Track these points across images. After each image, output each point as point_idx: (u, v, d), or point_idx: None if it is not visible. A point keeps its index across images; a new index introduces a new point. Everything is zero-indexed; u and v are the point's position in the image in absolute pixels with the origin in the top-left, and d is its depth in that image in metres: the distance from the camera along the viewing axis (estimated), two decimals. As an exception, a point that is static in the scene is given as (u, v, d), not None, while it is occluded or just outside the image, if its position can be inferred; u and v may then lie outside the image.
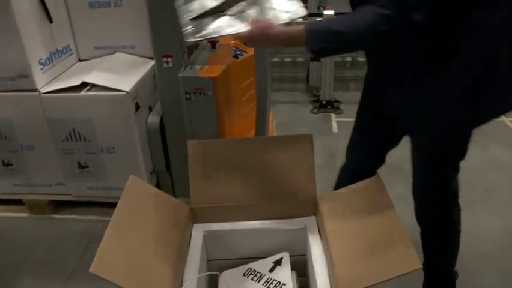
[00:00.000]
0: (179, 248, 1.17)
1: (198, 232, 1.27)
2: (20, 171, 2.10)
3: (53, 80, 1.98)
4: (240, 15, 1.22)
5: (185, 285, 1.10)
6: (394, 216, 1.13)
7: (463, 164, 1.24)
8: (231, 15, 1.23)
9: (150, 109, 2.03)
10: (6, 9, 1.74)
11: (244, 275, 1.29)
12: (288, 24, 1.18)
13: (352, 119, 1.51)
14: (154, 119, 1.97)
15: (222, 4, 1.24)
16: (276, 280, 1.24)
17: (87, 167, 2.01)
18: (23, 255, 1.96)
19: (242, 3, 1.24)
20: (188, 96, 1.74)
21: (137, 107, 1.90)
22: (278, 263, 1.29)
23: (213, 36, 1.22)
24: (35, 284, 1.82)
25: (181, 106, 1.81)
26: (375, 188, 1.23)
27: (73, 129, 1.92)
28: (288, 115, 3.16)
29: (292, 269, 1.26)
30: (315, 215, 1.31)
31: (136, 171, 1.98)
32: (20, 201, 2.20)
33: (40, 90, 1.89)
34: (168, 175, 2.06)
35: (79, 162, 2.01)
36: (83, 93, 1.84)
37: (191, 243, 1.24)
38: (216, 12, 1.24)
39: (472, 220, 2.06)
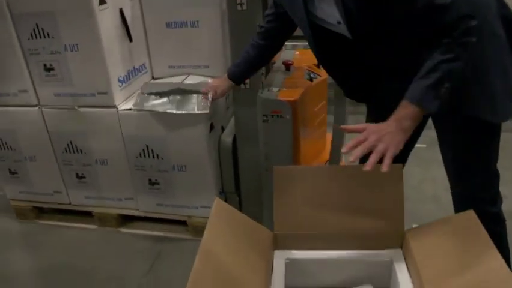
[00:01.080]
0: (265, 275, 1.14)
1: (279, 259, 1.24)
2: (92, 184, 2.15)
3: (129, 97, 2.02)
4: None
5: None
6: (495, 255, 1.03)
7: None
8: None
9: (222, 129, 2.03)
10: (93, 28, 1.80)
11: None
12: None
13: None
14: (226, 138, 1.96)
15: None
16: None
17: (158, 183, 2.03)
18: (90, 273, 1.98)
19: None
20: (265, 118, 1.72)
21: (212, 127, 1.90)
22: None
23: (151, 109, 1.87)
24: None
25: (255, 127, 1.79)
26: (467, 221, 1.15)
27: (147, 146, 1.94)
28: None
29: None
30: (401, 248, 1.25)
31: (206, 190, 1.97)
32: (90, 214, 2.25)
33: (118, 107, 1.93)
34: (236, 196, 2.04)
35: (150, 179, 2.03)
36: (159, 111, 1.86)
37: (273, 270, 1.21)
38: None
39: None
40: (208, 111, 1.77)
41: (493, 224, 1.40)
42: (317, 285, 1.28)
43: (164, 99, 1.84)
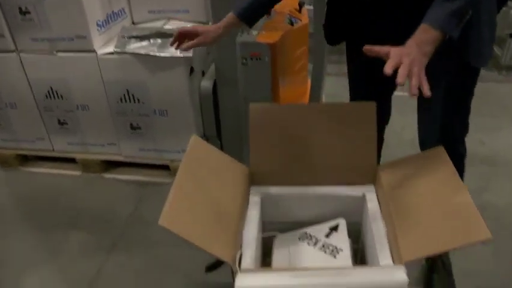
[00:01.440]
0: (240, 208, 1.19)
1: (255, 194, 1.29)
2: (74, 130, 2.17)
3: (108, 41, 2.01)
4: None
5: (245, 245, 1.12)
6: (460, 186, 1.10)
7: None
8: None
9: (203, 74, 2.04)
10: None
11: (299, 239, 1.30)
12: None
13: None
14: (207, 83, 1.97)
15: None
16: (332, 245, 1.24)
17: (139, 128, 2.05)
18: (76, 214, 2.04)
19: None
20: (244, 61, 1.73)
21: (192, 70, 1.91)
22: (334, 228, 1.30)
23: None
24: (89, 237, 1.90)
25: (235, 71, 1.80)
26: (438, 158, 1.20)
27: (127, 91, 1.95)
28: (334, 87, 3.12)
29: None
30: (374, 184, 1.31)
31: (188, 134, 1.99)
32: (74, 160, 2.28)
33: (97, 51, 1.92)
34: (218, 140, 2.08)
35: (131, 124, 2.05)
36: (142, 53, 1.85)
37: (249, 205, 1.25)
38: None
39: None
40: (191, 54, 1.78)
41: (460, 160, 1.47)
42: (292, 220, 1.34)
43: (145, 43, 1.85)
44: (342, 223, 1.30)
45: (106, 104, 2.02)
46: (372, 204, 1.24)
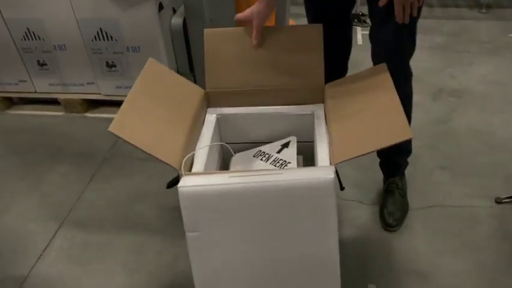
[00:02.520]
0: (193, 124, 1.25)
1: (211, 115, 1.35)
2: (54, 71, 2.25)
3: (80, -20, 2.05)
4: None
5: (198, 151, 1.20)
6: (393, 96, 1.14)
7: (486, 77, 1.20)
8: None
9: (174, 11, 2.09)
10: None
11: (254, 156, 1.38)
12: None
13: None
14: (177, 20, 2.03)
15: None
16: (282, 159, 1.32)
17: (115, 66, 2.13)
18: (59, 149, 2.15)
19: None
20: (209, -6, 1.79)
21: (161, 7, 1.96)
22: (286, 145, 1.37)
23: None
24: (71, 169, 2.02)
25: (202, 6, 1.86)
26: (379, 73, 1.26)
27: (101, 29, 2.02)
28: (301, 8, 3.15)
29: (300, 154, 1.35)
30: (323, 102, 1.38)
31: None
32: (56, 101, 2.37)
33: (69, -10, 1.98)
34: (192, 76, 2.15)
35: (107, 62, 2.13)
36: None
37: (204, 124, 1.32)
38: None
39: (488, 128, 2.10)
40: None
41: (408, 79, 1.54)
42: (247, 139, 1.42)
43: None
44: (293, 140, 1.37)
45: (81, 42, 2.09)
46: (319, 121, 1.31)
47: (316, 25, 1.35)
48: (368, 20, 1.61)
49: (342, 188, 1.19)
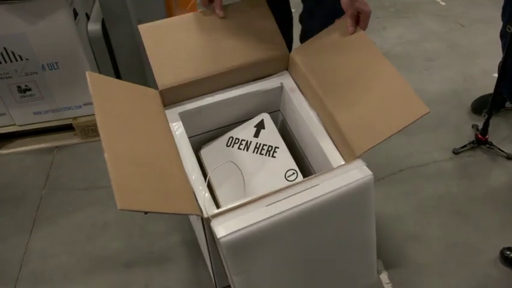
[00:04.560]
0: (169, 139, 1.10)
1: (172, 115, 1.18)
2: (-50, 109, 1.87)
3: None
4: None
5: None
6: (386, 63, 1.09)
7: (401, 39, 1.20)
8: None
9: (87, 16, 1.85)
10: None
11: (228, 146, 1.25)
12: None
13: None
14: (94, 26, 1.80)
15: None
16: (266, 145, 1.20)
17: (29, 89, 1.83)
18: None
19: None
20: (133, -8, 1.60)
21: (75, 13, 1.72)
22: (261, 126, 1.25)
23: None
24: (3, 223, 1.69)
25: (123, 5, 1.66)
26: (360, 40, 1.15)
27: (5, 49, 1.70)
28: None
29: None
30: (287, 70, 1.28)
31: (86, 85, 1.82)
32: (-43, 143, 1.99)
33: (-45, 8, 1.63)
34: (120, 84, 1.94)
35: (19, 86, 1.81)
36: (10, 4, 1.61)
37: (172, 127, 1.16)
38: None
39: (420, 87, 2.20)
40: None
41: None
42: (217, 127, 1.30)
43: None
44: (266, 118, 1.24)
45: (-18, 69, 1.76)
46: (296, 94, 1.21)
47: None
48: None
49: None
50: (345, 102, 1.08)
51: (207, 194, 0.96)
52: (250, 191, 1.13)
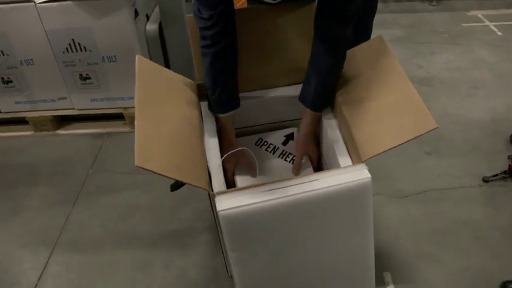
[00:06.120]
0: (197, 124, 1.19)
1: (206, 107, 1.29)
2: (21, 88, 2.11)
3: (46, -10, 1.94)
4: None
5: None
6: (401, 74, 1.13)
7: (449, 64, 1.20)
8: None
9: (147, 17, 2.03)
10: None
11: (256, 144, 1.34)
12: None
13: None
14: (152, 26, 1.97)
15: None
16: (291, 154, 1.32)
17: (89, 78, 2.03)
18: (33, 170, 2.01)
19: None
20: (188, -2, 1.75)
21: (136, 13, 1.90)
22: (290, 137, 1.36)
23: None
24: (51, 191, 1.89)
25: (180, 10, 1.82)
26: (378, 47, 1.24)
27: (73, 40, 1.92)
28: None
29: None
30: None
31: (139, 79, 2.01)
32: (24, 120, 2.22)
33: (35, 1, 1.86)
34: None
35: (80, 74, 2.02)
36: (81, 0, 1.82)
37: (203, 120, 1.25)
38: None
39: (459, 112, 2.20)
40: None
41: None
42: (246, 125, 1.38)
43: None
44: (296, 132, 1.35)
45: (51, 56, 1.98)
46: None
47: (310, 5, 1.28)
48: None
49: None
50: (360, 113, 1.15)
51: (221, 176, 1.07)
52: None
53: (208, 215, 1.71)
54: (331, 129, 1.23)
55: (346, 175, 1.00)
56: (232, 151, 1.18)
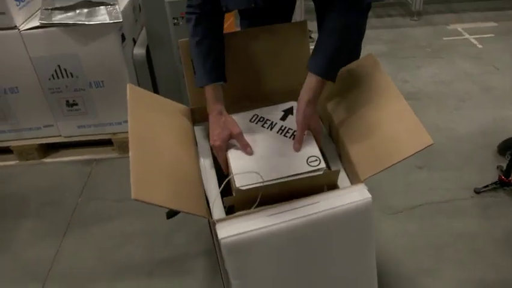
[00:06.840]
0: (192, 151, 1.19)
1: (201, 131, 1.27)
2: (5, 117, 2.06)
3: (30, 17, 1.92)
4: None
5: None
6: (394, 90, 1.13)
7: (434, 78, 1.23)
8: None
9: (134, 41, 2.02)
10: None
11: (251, 121, 1.23)
12: None
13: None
14: (140, 50, 1.96)
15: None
16: (291, 129, 1.18)
17: (76, 104, 2.00)
18: (20, 201, 1.96)
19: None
20: (175, 21, 1.75)
21: (123, 38, 1.88)
22: (290, 111, 1.24)
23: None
24: (40, 223, 1.84)
25: (167, 33, 1.81)
26: (370, 65, 1.23)
27: (59, 66, 1.89)
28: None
29: None
30: None
31: (126, 103, 1.98)
32: (8, 149, 2.17)
33: (20, 27, 1.84)
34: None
35: (67, 101, 1.99)
36: (70, 23, 1.79)
37: (198, 143, 1.24)
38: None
39: (448, 125, 2.23)
40: (121, 20, 1.75)
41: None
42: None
43: (71, 13, 1.79)
44: (295, 106, 1.20)
45: (37, 83, 1.94)
46: None
47: (301, 21, 1.31)
48: (313, 35, 1.51)
49: None
50: (356, 132, 1.15)
51: (218, 201, 1.05)
52: (270, 169, 1.09)
53: (202, 239, 1.68)
54: (328, 152, 1.21)
55: (346, 196, 0.99)
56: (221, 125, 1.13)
